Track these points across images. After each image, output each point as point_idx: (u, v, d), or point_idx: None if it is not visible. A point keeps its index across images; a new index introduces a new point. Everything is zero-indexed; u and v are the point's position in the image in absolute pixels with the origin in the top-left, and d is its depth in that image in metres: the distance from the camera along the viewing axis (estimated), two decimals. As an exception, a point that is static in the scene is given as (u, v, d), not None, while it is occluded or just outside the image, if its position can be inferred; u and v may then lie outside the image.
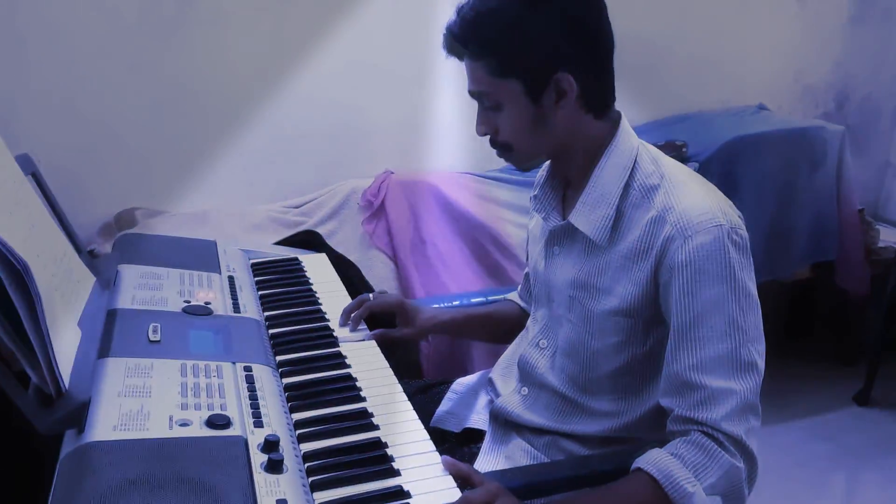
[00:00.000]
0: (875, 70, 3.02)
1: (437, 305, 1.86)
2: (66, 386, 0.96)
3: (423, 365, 2.02)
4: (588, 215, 1.17)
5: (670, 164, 1.18)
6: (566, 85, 1.11)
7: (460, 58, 1.16)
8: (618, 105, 1.20)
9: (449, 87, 2.30)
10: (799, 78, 2.96)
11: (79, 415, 0.94)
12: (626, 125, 1.19)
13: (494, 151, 1.22)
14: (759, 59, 2.87)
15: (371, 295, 1.45)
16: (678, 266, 1.07)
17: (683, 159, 2.37)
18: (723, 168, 2.42)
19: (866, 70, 3.01)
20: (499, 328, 1.52)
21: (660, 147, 1.24)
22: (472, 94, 1.18)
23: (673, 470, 1.02)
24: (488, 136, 1.20)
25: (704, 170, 2.36)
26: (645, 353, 1.16)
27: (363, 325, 1.40)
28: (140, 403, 0.99)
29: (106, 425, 0.93)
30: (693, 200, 1.10)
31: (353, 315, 1.39)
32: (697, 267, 1.06)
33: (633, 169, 1.16)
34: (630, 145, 1.17)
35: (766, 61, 2.89)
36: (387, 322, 1.44)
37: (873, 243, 2.71)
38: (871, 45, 2.98)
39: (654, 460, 1.04)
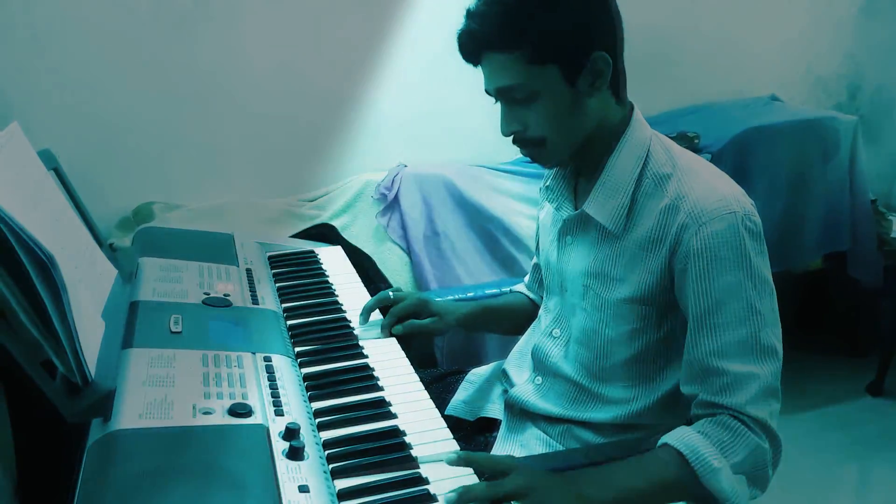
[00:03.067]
0: (887, 60, 3.00)
1: (450, 298, 1.88)
2: (93, 375, 0.98)
3: (438, 356, 2.03)
4: (603, 204, 1.18)
5: (682, 153, 1.19)
6: (603, 64, 1.11)
7: (477, 62, 1.14)
8: (631, 96, 1.21)
9: (461, 80, 2.31)
10: (811, 69, 2.95)
11: (105, 403, 0.96)
12: (639, 115, 1.20)
13: (507, 144, 1.21)
14: (772, 50, 2.86)
15: (390, 292, 1.41)
16: (693, 253, 1.08)
17: (696, 150, 2.37)
18: (735, 159, 2.42)
19: (878, 60, 3.00)
20: (512, 321, 1.53)
21: (672, 138, 1.24)
22: (500, 90, 1.15)
23: (700, 446, 1.03)
24: (511, 136, 1.18)
25: (717, 161, 2.35)
26: (659, 340, 1.18)
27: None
28: (164, 392, 1.00)
29: (132, 413, 0.95)
30: (706, 188, 1.11)
31: (384, 325, 1.35)
32: (713, 254, 1.07)
33: (646, 158, 1.17)
34: (644, 135, 1.18)
35: (779, 52, 2.88)
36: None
37: (886, 234, 2.71)
38: (883, 36, 2.97)
39: (681, 436, 1.05)
